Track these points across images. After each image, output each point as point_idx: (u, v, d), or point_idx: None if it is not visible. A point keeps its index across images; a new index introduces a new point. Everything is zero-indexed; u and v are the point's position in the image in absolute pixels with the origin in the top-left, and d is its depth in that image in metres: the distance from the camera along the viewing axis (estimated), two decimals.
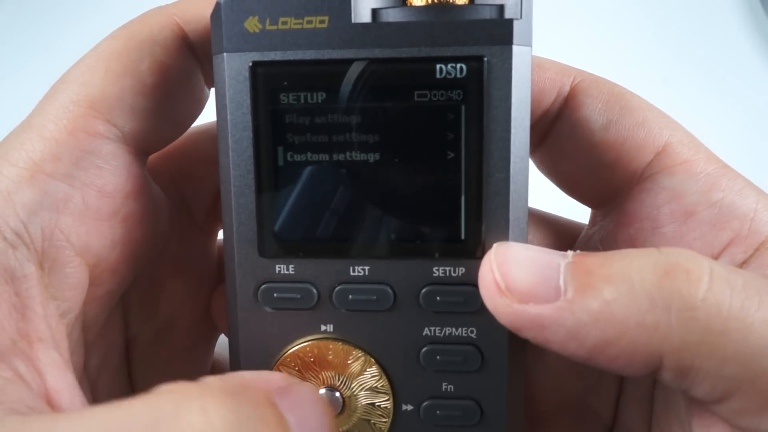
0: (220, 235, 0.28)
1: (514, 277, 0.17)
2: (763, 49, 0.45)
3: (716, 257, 0.20)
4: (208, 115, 0.24)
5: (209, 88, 0.23)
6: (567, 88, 0.22)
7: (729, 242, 0.20)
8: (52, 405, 0.18)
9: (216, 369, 0.28)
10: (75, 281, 0.20)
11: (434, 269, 0.19)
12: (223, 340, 0.28)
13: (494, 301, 0.17)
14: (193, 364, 0.26)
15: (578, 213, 0.25)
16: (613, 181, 0.21)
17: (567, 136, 0.22)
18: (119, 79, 0.20)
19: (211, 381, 0.17)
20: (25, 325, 0.18)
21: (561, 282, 0.16)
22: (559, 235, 0.24)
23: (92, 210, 0.20)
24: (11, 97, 0.42)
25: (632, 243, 0.21)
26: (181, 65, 0.21)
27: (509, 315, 0.17)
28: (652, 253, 0.17)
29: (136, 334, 0.24)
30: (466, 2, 0.18)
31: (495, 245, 0.18)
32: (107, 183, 0.20)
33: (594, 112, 0.21)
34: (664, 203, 0.20)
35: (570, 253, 0.17)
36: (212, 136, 0.25)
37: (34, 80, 0.41)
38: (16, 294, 0.18)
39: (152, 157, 0.22)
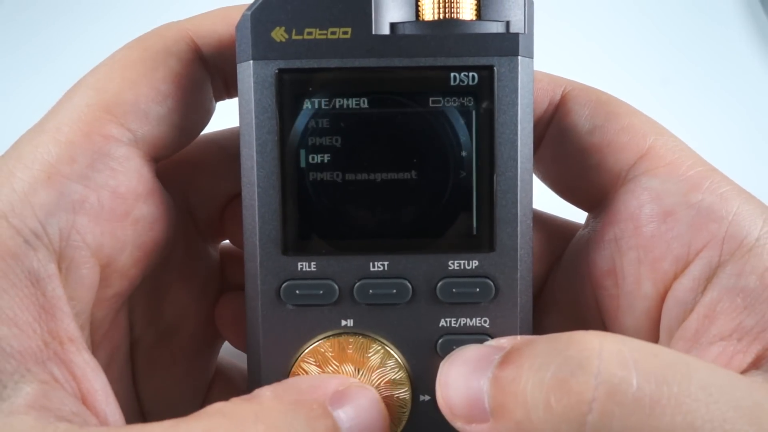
0: (222, 245, 0.30)
1: (454, 403, 0.19)
2: (763, 49, 0.48)
3: (692, 259, 0.22)
4: (212, 126, 0.26)
5: (217, 101, 0.26)
6: (558, 97, 0.24)
7: (705, 245, 0.21)
8: (88, 407, 0.19)
9: (219, 374, 0.30)
10: (90, 282, 0.21)
11: (449, 263, 0.22)
12: (225, 346, 0.31)
13: (453, 423, 0.19)
14: (196, 369, 0.28)
15: (576, 214, 0.27)
16: (599, 183, 0.24)
17: (557, 141, 0.25)
18: (134, 85, 0.22)
19: (266, 398, 0.19)
20: (55, 326, 0.19)
21: (486, 404, 0.18)
22: (556, 234, 0.27)
23: (106, 210, 0.21)
24: (11, 98, 0.44)
25: (617, 242, 0.23)
26: (194, 76, 0.23)
27: None
28: (549, 363, 0.17)
29: (140, 336, 0.26)
30: (474, 18, 0.21)
31: (440, 366, 0.20)
32: (120, 184, 0.22)
33: (581, 117, 0.24)
34: (645, 203, 0.22)
35: (497, 354, 0.19)
36: (220, 147, 0.27)
37: (34, 82, 0.44)
38: (42, 295, 0.19)
39: (159, 165, 0.24)
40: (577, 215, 0.27)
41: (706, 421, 0.16)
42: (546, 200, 0.27)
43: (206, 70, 0.24)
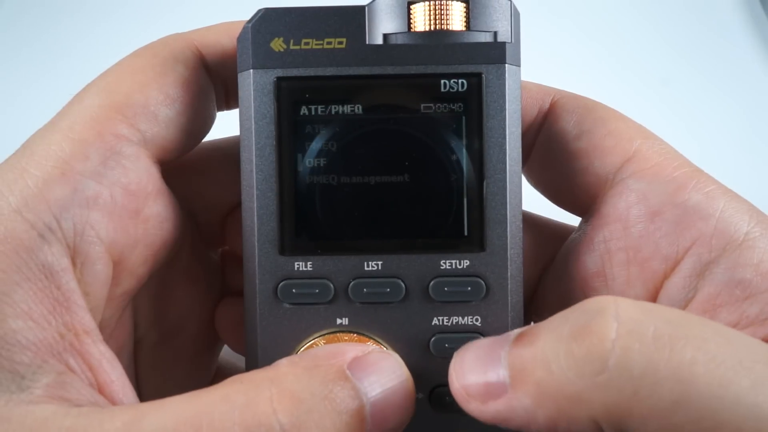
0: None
1: (469, 383, 0.20)
2: (763, 49, 0.50)
3: (681, 257, 0.23)
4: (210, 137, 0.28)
5: (218, 110, 0.27)
6: (547, 105, 0.26)
7: (693, 242, 0.23)
8: (105, 397, 0.20)
9: (220, 374, 0.31)
10: (104, 278, 0.22)
11: (441, 262, 0.24)
12: (226, 348, 0.32)
13: (467, 408, 0.20)
14: (198, 369, 0.30)
15: (572, 216, 0.29)
16: (588, 187, 0.25)
17: (547, 148, 0.26)
18: (144, 88, 0.23)
19: (281, 365, 0.20)
20: (70, 318, 0.20)
21: (503, 375, 0.19)
22: (549, 237, 0.29)
23: (119, 207, 0.22)
24: (12, 97, 0.46)
25: (606, 244, 0.24)
26: (200, 83, 0.25)
27: (483, 416, 0.20)
28: (566, 320, 0.18)
29: (143, 336, 0.27)
30: (463, 28, 0.23)
31: (454, 356, 0.21)
32: (131, 182, 0.23)
33: (569, 124, 0.26)
34: (633, 205, 0.24)
35: (513, 334, 0.20)
36: (224, 154, 0.28)
37: (35, 81, 0.46)
38: (57, 288, 0.20)
39: (164, 170, 0.25)
40: (573, 218, 0.28)
41: (727, 357, 0.17)
42: (543, 203, 0.28)
43: (210, 79, 0.26)
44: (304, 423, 0.18)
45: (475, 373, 0.20)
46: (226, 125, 0.28)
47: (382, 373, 0.20)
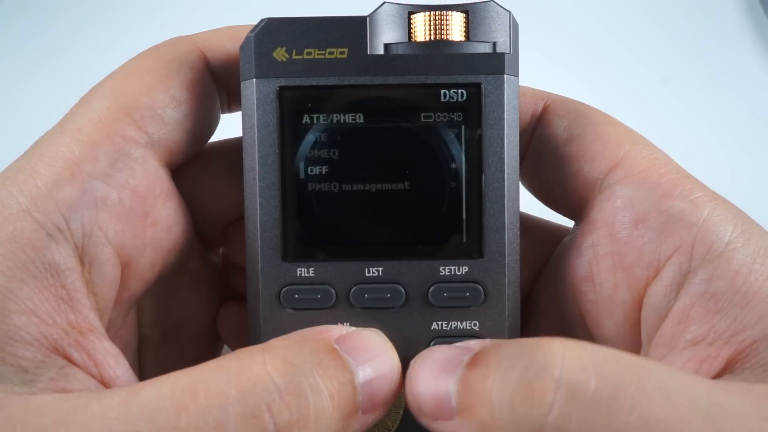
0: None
1: (422, 400, 0.20)
2: (763, 49, 0.51)
3: (663, 265, 0.23)
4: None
5: (222, 113, 0.28)
6: (540, 110, 0.27)
7: (675, 251, 0.23)
8: None
9: None
10: (113, 279, 0.23)
11: (441, 268, 0.25)
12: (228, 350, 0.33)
13: (419, 420, 0.21)
14: None
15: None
16: (577, 191, 0.26)
17: (539, 152, 0.27)
18: (151, 91, 0.24)
19: (272, 341, 0.21)
20: (75, 317, 0.21)
21: (453, 402, 0.19)
22: (545, 240, 0.29)
23: (127, 209, 0.23)
24: (11, 97, 0.47)
25: (594, 249, 0.25)
26: (205, 86, 0.26)
27: (433, 430, 0.20)
28: (515, 364, 0.19)
29: (147, 334, 0.28)
30: (463, 39, 0.24)
31: (411, 364, 0.21)
32: (139, 184, 0.23)
33: (560, 128, 0.26)
34: (619, 211, 0.24)
35: (467, 354, 0.20)
36: (226, 156, 0.29)
37: (34, 81, 0.46)
38: (62, 286, 0.21)
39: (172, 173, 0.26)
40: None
41: (660, 420, 0.17)
42: (539, 204, 0.29)
43: (214, 83, 0.26)
44: (299, 385, 0.19)
45: (427, 392, 0.20)
46: (227, 128, 0.29)
47: (369, 349, 0.21)
